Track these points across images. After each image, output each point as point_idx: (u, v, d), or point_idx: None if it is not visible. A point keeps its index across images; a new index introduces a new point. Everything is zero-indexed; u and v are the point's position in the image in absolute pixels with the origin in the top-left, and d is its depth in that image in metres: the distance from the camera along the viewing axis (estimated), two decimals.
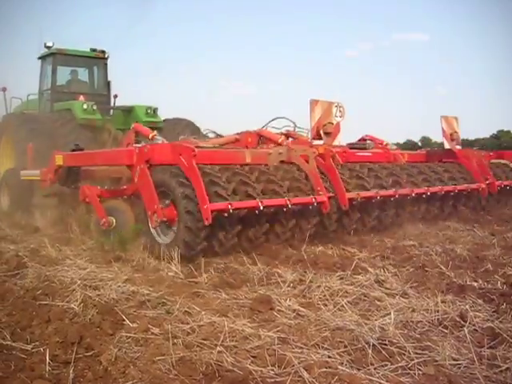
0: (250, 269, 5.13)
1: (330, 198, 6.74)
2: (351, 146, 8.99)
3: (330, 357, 3.06)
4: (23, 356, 3.09)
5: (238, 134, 8.83)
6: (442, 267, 5.05)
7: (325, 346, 3.21)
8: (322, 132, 7.89)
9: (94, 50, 12.71)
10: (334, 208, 6.82)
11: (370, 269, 4.86)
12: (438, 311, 3.72)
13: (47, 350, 3.06)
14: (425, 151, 10.77)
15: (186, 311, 3.79)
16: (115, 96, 13.14)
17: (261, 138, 8.61)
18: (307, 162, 6.91)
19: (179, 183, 5.69)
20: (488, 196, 9.28)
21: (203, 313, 3.72)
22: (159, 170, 6.09)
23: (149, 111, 11.95)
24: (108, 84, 13.03)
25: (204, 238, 5.62)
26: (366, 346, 3.14)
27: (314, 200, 6.48)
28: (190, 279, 4.82)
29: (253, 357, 3.06)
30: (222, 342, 3.22)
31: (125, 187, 7.08)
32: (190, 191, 5.60)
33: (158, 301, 4.04)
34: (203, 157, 6.07)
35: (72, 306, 3.93)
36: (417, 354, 3.04)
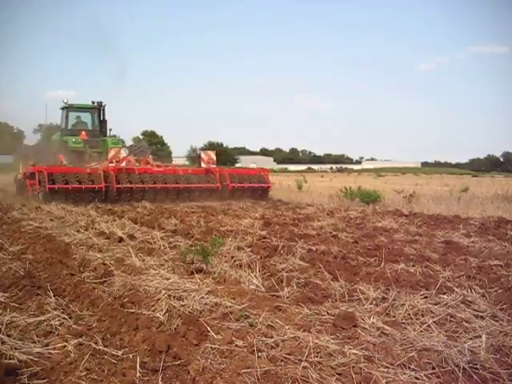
0: (332, 284, 5.09)
1: (106, 186, 15.39)
2: (176, 165, 20.80)
3: (417, 378, 2.98)
4: (114, 361, 3.20)
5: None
6: None
7: (412, 366, 3.13)
8: (114, 159, 15.94)
9: (93, 103, 20.95)
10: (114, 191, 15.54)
11: (455, 288, 4.70)
12: None
13: (137, 357, 3.15)
14: (205, 168, 18.07)
15: (269, 325, 3.80)
16: (110, 129, 21.08)
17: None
18: (104, 171, 15.63)
19: (44, 178, 14.64)
20: (224, 191, 17.28)
21: (286, 327, 3.72)
22: (41, 174, 15.10)
23: (114, 141, 19.74)
24: (104, 123, 20.90)
25: (51, 198, 14.23)
26: (456, 369, 3.04)
27: (96, 186, 15.15)
28: (271, 293, 4.83)
29: (338, 374, 3.03)
30: (307, 357, 3.20)
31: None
32: (44, 182, 14.58)
33: (241, 313, 4.07)
34: (56, 169, 15.56)
35: (157, 315, 4.03)
36: None
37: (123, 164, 16.20)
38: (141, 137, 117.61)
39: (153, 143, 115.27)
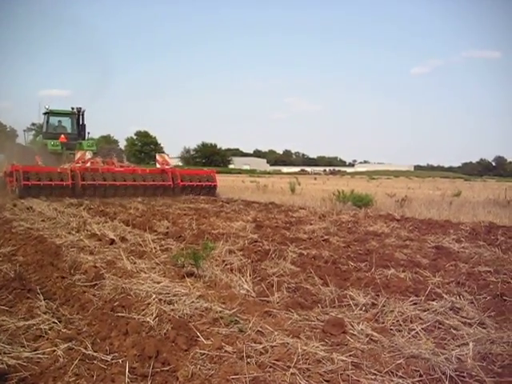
0: (322, 290, 5.11)
1: (73, 183, 17.98)
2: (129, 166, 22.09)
3: None
4: (104, 366, 3.20)
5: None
6: None
7: (399, 374, 3.15)
8: (80, 161, 19.12)
9: (72, 109, 23.94)
10: (79, 187, 18.12)
11: (444, 295, 4.73)
12: None
13: (126, 363, 3.16)
14: (160, 168, 20.99)
15: (258, 331, 3.81)
16: (88, 132, 24.50)
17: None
18: (71, 170, 18.32)
19: (19, 176, 17.28)
20: (176, 188, 20.13)
21: (276, 333, 3.74)
22: (17, 173, 17.51)
23: (88, 144, 22.97)
24: (83, 127, 24.00)
25: (26, 193, 17.05)
26: (443, 376, 3.07)
27: (64, 183, 17.76)
28: (261, 298, 4.85)
29: (326, 381, 3.05)
30: (295, 364, 3.22)
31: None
32: (20, 179, 17.19)
33: (231, 319, 4.08)
34: (30, 168, 18.18)
35: (147, 319, 4.04)
36: None
37: (88, 164, 19.34)
38: (134, 137, 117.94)
39: (146, 143, 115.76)
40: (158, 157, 21.82)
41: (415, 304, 4.57)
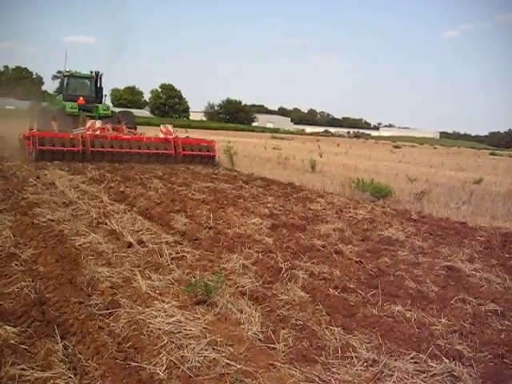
0: (327, 334, 5.28)
1: (83, 149, 19.96)
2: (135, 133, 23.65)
3: None
4: None
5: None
6: None
7: None
8: (91, 129, 20.67)
9: (91, 72, 25.87)
10: (88, 153, 20.23)
11: (445, 359, 4.83)
12: None
13: None
14: (163, 137, 22.65)
15: None
16: (105, 95, 26.61)
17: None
18: (82, 137, 20.20)
19: (35, 141, 19.16)
20: (177, 157, 22.12)
21: None
22: (34, 138, 19.40)
23: (104, 108, 25.28)
24: (100, 89, 25.97)
25: (41, 157, 19.22)
26: None
27: (75, 149, 19.81)
28: (268, 344, 5.01)
29: None
30: None
31: None
32: (37, 144, 19.04)
33: (236, 376, 4.27)
34: (45, 134, 20.02)
35: (158, 371, 4.27)
36: None
37: (97, 132, 21.03)
38: (159, 89, 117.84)
39: (171, 97, 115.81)
40: (162, 127, 23.39)
41: (416, 363, 4.72)
